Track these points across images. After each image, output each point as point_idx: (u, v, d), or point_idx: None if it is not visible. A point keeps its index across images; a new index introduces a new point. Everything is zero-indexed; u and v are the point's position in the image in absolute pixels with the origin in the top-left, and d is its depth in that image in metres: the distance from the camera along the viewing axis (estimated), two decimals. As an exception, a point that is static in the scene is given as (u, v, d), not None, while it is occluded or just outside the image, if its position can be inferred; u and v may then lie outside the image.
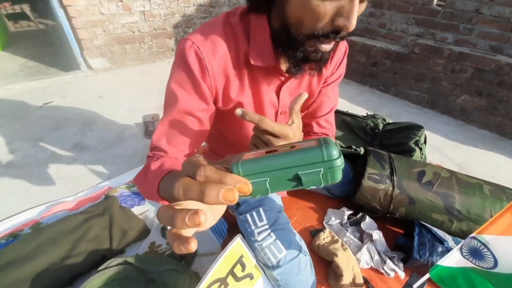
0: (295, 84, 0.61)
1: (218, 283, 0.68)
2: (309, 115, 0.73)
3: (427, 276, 0.61)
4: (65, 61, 2.44)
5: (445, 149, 1.54)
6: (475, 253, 0.51)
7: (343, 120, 1.41)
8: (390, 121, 1.36)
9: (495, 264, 0.48)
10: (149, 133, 1.55)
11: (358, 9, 0.38)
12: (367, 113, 1.42)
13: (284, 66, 0.53)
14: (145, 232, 0.98)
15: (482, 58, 1.58)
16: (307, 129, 0.77)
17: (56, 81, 2.18)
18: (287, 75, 0.55)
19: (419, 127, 1.21)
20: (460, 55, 1.66)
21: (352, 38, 2.24)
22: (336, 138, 1.37)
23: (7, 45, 3.15)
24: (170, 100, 0.53)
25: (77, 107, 1.82)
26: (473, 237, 0.50)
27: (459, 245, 0.53)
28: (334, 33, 0.40)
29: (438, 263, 0.57)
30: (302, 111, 0.71)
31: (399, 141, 1.21)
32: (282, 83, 0.58)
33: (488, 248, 0.48)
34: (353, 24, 0.38)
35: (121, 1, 2.16)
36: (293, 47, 0.45)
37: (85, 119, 1.69)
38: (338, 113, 1.42)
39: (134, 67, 2.44)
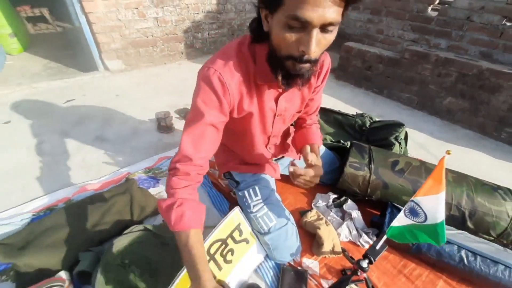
0: (290, 93, 0.79)
1: (220, 242, 0.87)
2: (303, 113, 0.95)
3: (385, 236, 0.77)
4: (84, 62, 2.64)
5: (430, 146, 1.68)
6: (413, 212, 0.67)
7: (335, 118, 1.57)
8: (377, 120, 1.51)
9: (425, 218, 0.64)
10: (161, 128, 1.73)
11: (317, 38, 0.51)
12: (356, 112, 1.58)
13: (280, 82, 0.67)
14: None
15: (465, 64, 1.73)
16: (299, 122, 1.00)
17: (76, 81, 2.39)
18: (284, 87, 0.72)
19: (400, 125, 1.37)
20: (445, 60, 1.81)
21: (349, 43, 2.39)
22: (328, 134, 1.54)
23: (29, 46, 3.38)
24: (197, 114, 0.67)
25: (97, 104, 2.02)
26: (412, 200, 0.66)
27: (403, 208, 0.69)
28: (301, 56, 0.55)
29: (391, 225, 0.73)
30: (298, 112, 0.90)
31: (382, 137, 1.37)
32: (280, 94, 0.77)
33: (420, 207, 0.64)
34: (311, 50, 0.52)
35: (137, 8, 2.36)
36: (278, 66, 0.61)
37: (104, 115, 1.88)
38: (330, 112, 1.58)
39: (147, 69, 2.65)
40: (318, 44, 0.53)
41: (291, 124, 1.32)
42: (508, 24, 2.05)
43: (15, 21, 3.12)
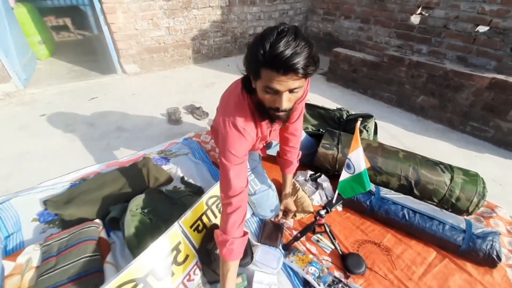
0: (277, 127, 1.06)
1: (215, 198, 1.15)
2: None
3: (337, 192, 1.04)
4: (104, 66, 2.99)
5: (401, 138, 1.94)
6: (348, 166, 0.94)
7: (319, 112, 1.85)
8: (352, 113, 1.78)
9: (354, 169, 0.91)
10: (171, 121, 2.03)
11: (287, 97, 0.69)
12: (336, 107, 1.85)
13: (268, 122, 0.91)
14: (170, 180, 1.45)
15: (432, 66, 1.98)
16: (282, 132, 1.16)
17: (97, 82, 2.73)
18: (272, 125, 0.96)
19: (369, 116, 1.63)
20: (417, 63, 2.07)
21: (338, 49, 2.67)
22: (312, 125, 1.81)
23: (54, 52, 3.76)
24: (232, 158, 0.84)
25: (116, 101, 2.34)
26: (347, 157, 0.93)
27: (344, 165, 0.96)
28: (277, 109, 0.73)
29: (339, 181, 1.00)
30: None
31: (354, 126, 1.63)
32: (270, 129, 1.02)
33: (350, 161, 0.91)
34: (283, 106, 0.70)
35: (151, 19, 2.70)
36: (264, 113, 0.82)
37: (123, 110, 2.20)
38: (315, 107, 1.86)
39: (159, 72, 2.98)
40: (289, 100, 0.71)
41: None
42: (480, 31, 2.30)
43: (43, 30, 3.52)
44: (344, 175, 0.97)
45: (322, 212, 1.04)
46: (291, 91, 0.69)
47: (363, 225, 1.24)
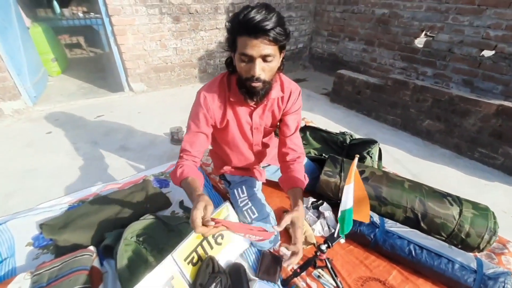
0: (261, 111, 1.07)
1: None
2: (282, 133, 1.15)
3: (338, 225, 1.00)
4: (113, 84, 3.06)
5: (406, 162, 1.89)
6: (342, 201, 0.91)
7: (321, 135, 1.83)
8: (356, 137, 1.75)
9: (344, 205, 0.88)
10: (174, 141, 2.04)
11: (261, 66, 0.79)
12: (339, 131, 1.83)
13: (249, 101, 0.96)
14: (168, 203, 1.43)
15: (437, 91, 1.96)
16: (280, 149, 1.16)
17: (105, 100, 2.78)
18: (254, 106, 1.01)
19: (373, 142, 1.60)
20: (421, 88, 2.05)
21: (341, 71, 2.68)
22: (315, 149, 1.78)
23: (66, 68, 3.89)
24: (191, 124, 1.00)
25: (122, 119, 2.37)
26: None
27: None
28: (252, 77, 0.81)
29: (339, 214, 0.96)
30: (270, 127, 1.15)
31: (358, 151, 1.60)
32: (252, 111, 1.05)
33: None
34: (256, 72, 0.79)
35: (160, 40, 2.78)
36: (242, 86, 0.89)
37: (128, 128, 2.22)
38: (317, 130, 1.84)
39: (165, 90, 3.03)
40: (263, 69, 0.80)
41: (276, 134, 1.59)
42: (485, 55, 2.29)
43: (57, 48, 3.66)
44: (341, 208, 0.93)
45: (323, 247, 1.00)
46: (264, 59, 0.78)
47: (367, 260, 1.18)
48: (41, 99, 2.75)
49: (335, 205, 1.39)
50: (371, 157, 1.54)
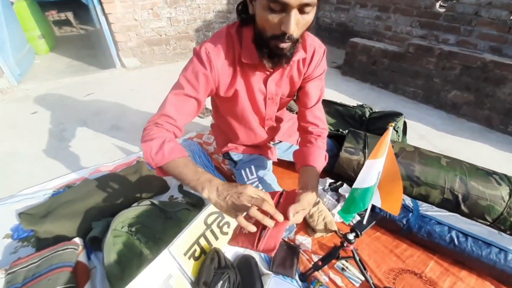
0: (278, 76, 0.84)
1: (217, 215, 0.94)
2: (302, 104, 0.93)
3: (368, 210, 0.82)
4: (103, 60, 2.83)
5: (432, 138, 1.69)
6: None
7: (336, 109, 1.62)
8: (376, 110, 1.54)
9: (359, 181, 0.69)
10: (171, 119, 1.84)
11: (296, 18, 0.57)
12: (357, 104, 1.62)
13: (267, 64, 0.74)
14: (165, 187, 1.25)
15: (468, 56, 1.72)
16: (299, 123, 0.95)
17: (96, 77, 2.56)
18: (271, 69, 0.79)
19: (398, 114, 1.40)
20: (449, 54, 1.80)
21: (355, 39, 2.42)
22: (329, 124, 1.58)
23: (54, 47, 3.62)
24: (184, 84, 0.74)
25: (114, 97, 2.16)
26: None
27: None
28: (283, 35, 0.61)
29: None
30: (287, 97, 0.94)
31: (380, 126, 1.40)
32: (268, 76, 0.82)
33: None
34: (291, 29, 0.58)
35: (152, 9, 2.50)
36: (263, 46, 0.67)
37: (120, 107, 2.01)
38: (331, 103, 1.63)
39: (160, 66, 2.79)
40: (297, 24, 0.59)
41: (291, 110, 1.38)
42: (518, 18, 2.02)
43: (43, 25, 3.38)
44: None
45: (351, 236, 0.82)
46: (301, 10, 0.58)
47: (398, 249, 1.01)
48: (26, 78, 2.54)
49: (357, 187, 1.21)
50: (396, 131, 1.34)
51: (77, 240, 0.97)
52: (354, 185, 0.72)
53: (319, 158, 0.88)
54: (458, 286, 0.89)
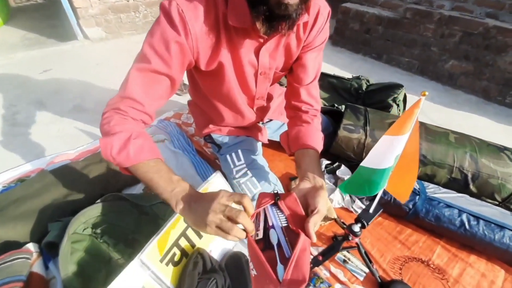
0: (273, 45, 0.66)
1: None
2: (296, 80, 0.76)
3: (377, 198, 0.70)
4: (63, 31, 2.47)
5: (429, 111, 1.59)
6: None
7: (329, 82, 1.46)
8: (373, 82, 1.41)
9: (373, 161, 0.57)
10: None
11: None
12: (352, 76, 1.47)
13: (261, 29, 0.57)
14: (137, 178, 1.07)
15: (470, 22, 1.59)
16: (290, 101, 0.79)
17: (54, 51, 2.23)
18: (265, 36, 0.60)
19: (399, 86, 1.27)
20: (449, 19, 1.66)
21: (347, 4, 2.21)
22: (322, 99, 1.43)
23: (9, 19, 3.15)
24: (150, 55, 0.55)
25: (76, 73, 1.88)
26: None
27: None
28: None
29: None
30: (281, 71, 0.76)
31: (379, 99, 1.27)
32: (261, 44, 0.63)
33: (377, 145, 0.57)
34: None
35: (115, -33, 2.15)
36: (261, 3, 0.49)
37: (83, 85, 1.76)
38: (324, 75, 1.47)
39: (129, 37, 2.47)
40: None
41: (281, 84, 1.21)
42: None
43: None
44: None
45: (356, 228, 0.71)
46: None
47: (402, 234, 0.92)
48: (-29, 54, 2.17)
49: (355, 168, 1.09)
50: (397, 105, 1.21)
51: (31, 246, 0.81)
52: (364, 163, 0.58)
53: (319, 140, 0.75)
54: (467, 272, 0.82)
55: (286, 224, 0.47)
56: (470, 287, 0.78)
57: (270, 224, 0.48)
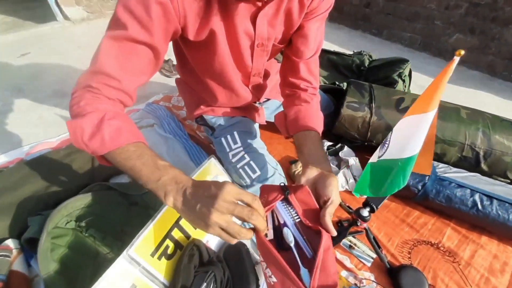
0: (273, 10, 0.56)
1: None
2: (295, 53, 0.67)
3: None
4: (41, 12, 2.29)
5: (432, 89, 1.52)
6: (383, 145, 0.52)
7: (329, 59, 1.37)
8: (376, 58, 1.32)
9: (384, 152, 0.49)
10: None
11: None
12: (353, 51, 1.38)
13: None
14: (127, 165, 1.00)
15: (478, -10, 1.50)
16: (287, 77, 0.72)
17: (33, 33, 2.07)
18: (261, 1, 0.51)
19: (404, 61, 1.19)
20: (456, -12, 1.56)
21: (345, -24, 2.08)
22: (322, 77, 1.35)
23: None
24: (126, 19, 0.45)
25: (56, 57, 1.75)
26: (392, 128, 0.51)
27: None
28: None
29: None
30: (280, 43, 0.67)
31: (383, 75, 1.19)
32: (258, 9, 0.54)
33: (390, 137, 0.49)
34: None
35: None
36: None
37: (64, 69, 1.64)
38: (324, 52, 1.37)
39: (114, 18, 2.31)
40: None
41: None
42: None
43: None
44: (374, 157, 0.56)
45: (365, 213, 0.65)
46: None
47: (410, 217, 0.87)
48: None
49: (359, 149, 1.03)
50: (403, 80, 1.13)
51: (10, 242, 0.74)
52: (387, 156, 0.51)
53: (320, 121, 0.68)
54: (479, 254, 0.78)
55: (298, 219, 0.40)
56: (483, 269, 0.75)
57: (282, 221, 0.41)
